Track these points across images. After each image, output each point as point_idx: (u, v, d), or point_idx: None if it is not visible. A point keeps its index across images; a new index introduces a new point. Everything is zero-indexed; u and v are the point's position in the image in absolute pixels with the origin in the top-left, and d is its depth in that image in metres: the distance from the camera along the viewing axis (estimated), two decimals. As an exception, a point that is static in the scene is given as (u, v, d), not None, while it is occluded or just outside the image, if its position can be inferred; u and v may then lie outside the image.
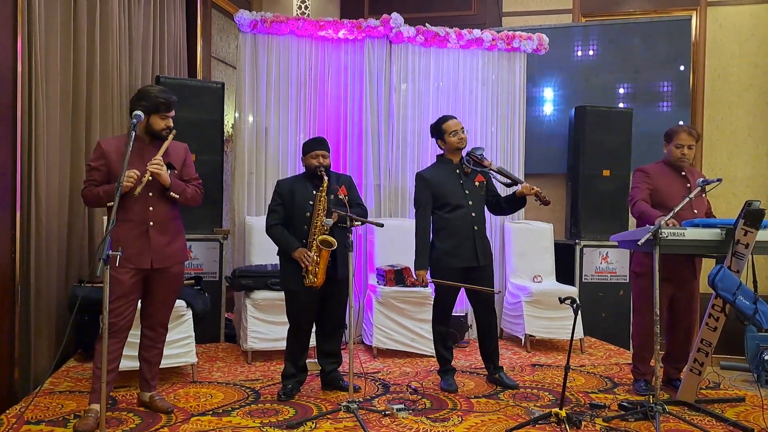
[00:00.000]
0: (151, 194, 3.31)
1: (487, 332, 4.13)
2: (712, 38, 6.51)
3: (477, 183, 4.06)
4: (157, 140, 3.38)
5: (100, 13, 4.63)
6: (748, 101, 6.47)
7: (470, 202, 3.99)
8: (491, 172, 4.03)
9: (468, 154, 4.08)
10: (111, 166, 3.28)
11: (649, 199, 3.91)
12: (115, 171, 3.24)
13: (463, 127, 4.06)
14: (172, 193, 3.36)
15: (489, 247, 4.09)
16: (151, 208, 3.33)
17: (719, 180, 3.62)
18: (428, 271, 4.04)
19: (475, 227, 3.97)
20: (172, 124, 3.41)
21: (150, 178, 3.23)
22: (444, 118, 4.10)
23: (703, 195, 4.02)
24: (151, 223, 3.33)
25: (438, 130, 4.09)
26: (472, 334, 5.40)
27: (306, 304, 3.76)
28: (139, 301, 3.46)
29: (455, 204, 3.97)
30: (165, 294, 3.48)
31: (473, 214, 3.98)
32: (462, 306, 5.19)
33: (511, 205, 4.11)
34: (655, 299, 3.38)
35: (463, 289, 4.12)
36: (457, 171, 4.05)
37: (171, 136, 3.38)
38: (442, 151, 4.16)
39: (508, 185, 4.05)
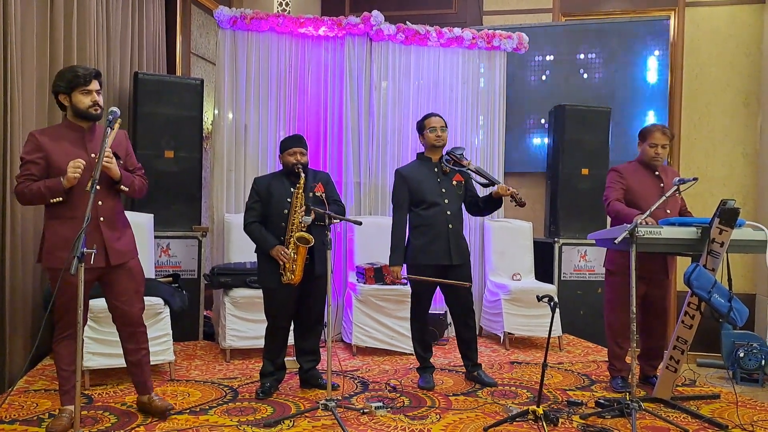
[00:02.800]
0: (99, 187, 2.98)
1: (464, 335, 4.13)
2: (690, 38, 6.56)
3: (455, 182, 4.07)
4: (91, 124, 3.14)
5: (78, 8, 4.56)
6: (725, 101, 6.53)
7: (446, 201, 3.99)
8: (469, 171, 4.03)
9: (448, 153, 4.09)
10: (51, 159, 3.04)
11: (623, 199, 3.94)
12: (57, 164, 3.04)
13: (444, 126, 4.06)
14: (122, 186, 3.15)
15: (466, 246, 4.09)
16: (100, 203, 3.11)
17: (695, 179, 3.65)
18: (403, 268, 4.07)
19: (450, 225, 3.97)
20: (100, 101, 3.13)
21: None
22: (428, 115, 4.13)
23: (677, 194, 4.05)
24: (102, 219, 3.12)
25: (421, 125, 4.12)
26: (452, 332, 5.40)
27: (284, 301, 3.74)
28: (109, 307, 3.31)
29: (431, 201, 3.98)
30: (132, 288, 3.29)
31: (448, 213, 3.98)
32: (442, 303, 5.19)
33: (488, 205, 4.10)
34: (631, 297, 3.40)
35: (439, 290, 4.11)
36: (436, 169, 4.06)
37: (117, 125, 3.10)
38: (423, 149, 4.17)
39: (484, 185, 4.05)
